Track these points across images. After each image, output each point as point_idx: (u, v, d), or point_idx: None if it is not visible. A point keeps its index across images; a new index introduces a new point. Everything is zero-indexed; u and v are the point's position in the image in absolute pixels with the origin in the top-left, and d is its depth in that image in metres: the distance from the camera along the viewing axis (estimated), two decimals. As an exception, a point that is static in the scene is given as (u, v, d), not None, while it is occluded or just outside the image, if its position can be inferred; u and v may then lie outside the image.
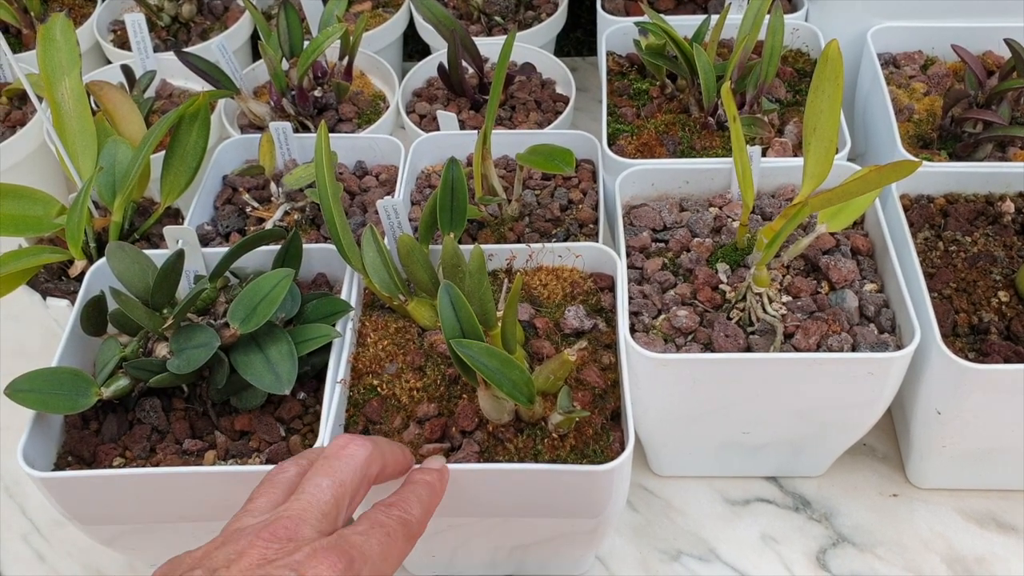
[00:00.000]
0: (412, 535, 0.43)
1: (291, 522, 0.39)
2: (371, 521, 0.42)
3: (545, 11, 1.04)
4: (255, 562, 0.37)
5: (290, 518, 0.40)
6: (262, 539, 0.38)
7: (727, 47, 0.86)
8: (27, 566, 0.70)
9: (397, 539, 0.42)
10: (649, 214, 0.68)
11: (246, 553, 0.38)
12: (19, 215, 0.69)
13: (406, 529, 0.43)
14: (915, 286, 0.60)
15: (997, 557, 0.65)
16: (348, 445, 0.44)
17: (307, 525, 0.40)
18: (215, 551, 0.38)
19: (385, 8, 1.09)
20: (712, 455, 0.68)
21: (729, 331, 0.59)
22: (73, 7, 1.08)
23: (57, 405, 0.56)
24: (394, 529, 0.42)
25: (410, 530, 0.43)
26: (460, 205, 0.63)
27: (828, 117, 0.54)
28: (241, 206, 0.77)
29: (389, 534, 0.41)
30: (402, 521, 0.43)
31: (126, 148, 0.73)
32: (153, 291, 0.59)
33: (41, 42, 0.72)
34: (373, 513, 0.43)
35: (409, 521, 0.43)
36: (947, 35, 0.83)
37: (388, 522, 0.42)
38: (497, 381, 0.49)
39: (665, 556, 0.67)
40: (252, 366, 0.57)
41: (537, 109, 0.90)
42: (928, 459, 0.66)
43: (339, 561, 0.37)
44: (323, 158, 0.60)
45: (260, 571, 0.36)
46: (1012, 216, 0.68)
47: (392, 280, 0.61)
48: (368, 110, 0.91)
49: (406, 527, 0.43)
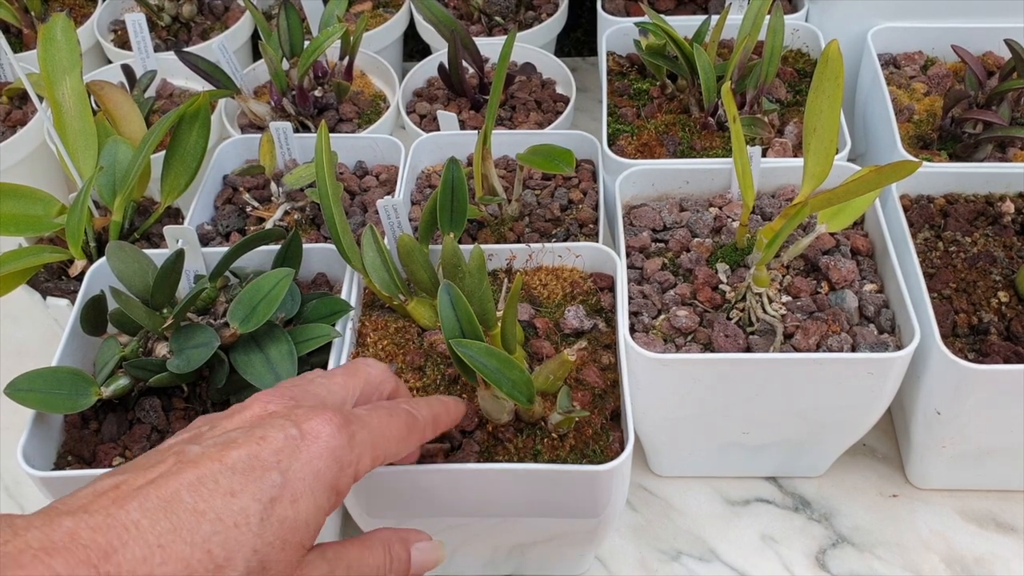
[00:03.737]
0: (415, 427, 0.45)
1: (299, 390, 0.42)
2: (374, 405, 0.44)
3: (545, 11, 1.04)
4: (256, 414, 0.40)
5: (298, 386, 0.43)
6: (267, 395, 0.41)
7: (727, 47, 0.86)
8: (27, 565, 0.70)
9: (399, 422, 0.43)
10: (649, 214, 0.69)
11: (249, 407, 0.41)
12: (19, 215, 0.69)
13: (410, 417, 0.44)
14: (915, 286, 0.60)
15: (997, 557, 0.65)
16: (368, 360, 0.48)
17: (314, 397, 0.42)
18: (218, 418, 0.41)
19: (385, 8, 1.09)
20: (712, 455, 0.68)
21: (729, 331, 0.59)
22: (74, 7, 1.09)
23: (57, 405, 0.56)
24: (398, 414, 0.44)
25: (413, 421, 0.45)
26: (460, 205, 0.63)
27: (828, 117, 0.54)
28: (241, 206, 0.77)
29: (391, 415, 0.43)
30: (407, 412, 0.45)
31: (126, 148, 0.73)
32: (153, 291, 0.59)
33: (42, 42, 0.72)
34: (378, 402, 0.45)
35: (413, 414, 0.45)
36: (947, 35, 0.83)
37: (392, 406, 0.44)
38: (497, 381, 0.49)
39: (665, 556, 0.67)
40: (252, 366, 0.57)
41: (537, 109, 0.90)
42: (928, 459, 0.66)
43: (334, 417, 0.39)
44: (323, 158, 0.60)
45: (259, 420, 0.39)
46: (1012, 216, 0.68)
47: (392, 280, 0.61)
48: (368, 110, 0.91)
49: (409, 416, 0.44)
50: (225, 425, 0.39)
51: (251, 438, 0.37)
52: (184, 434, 0.40)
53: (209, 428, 0.39)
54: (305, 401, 0.41)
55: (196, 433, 0.39)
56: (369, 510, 0.57)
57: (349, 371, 0.46)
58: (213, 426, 0.39)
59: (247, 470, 0.36)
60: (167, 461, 0.36)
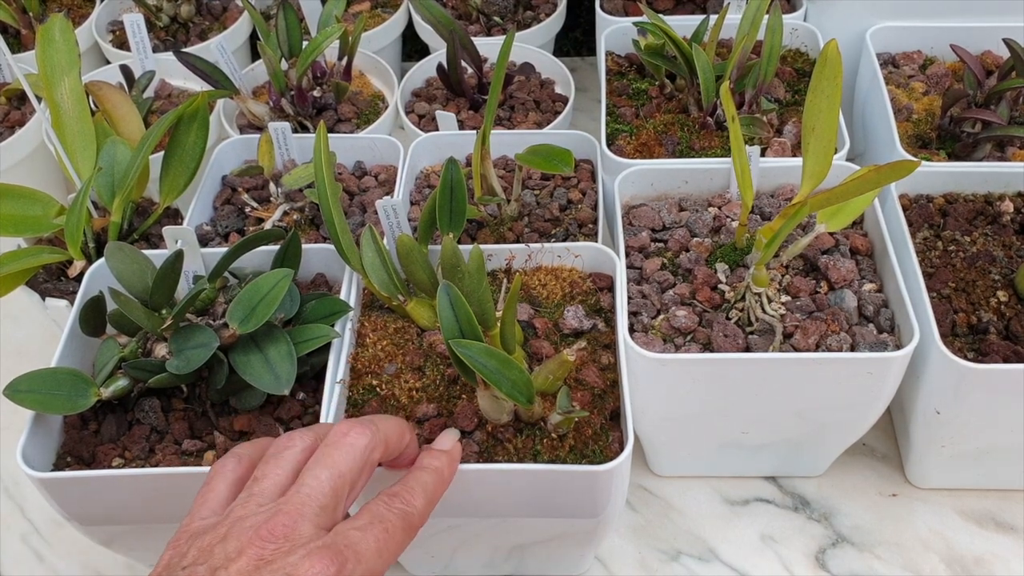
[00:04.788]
0: (412, 526, 0.44)
1: (288, 519, 0.40)
2: (371, 515, 0.43)
3: (544, 11, 1.04)
4: (252, 563, 0.38)
5: (287, 514, 0.41)
6: (260, 537, 0.39)
7: (726, 47, 0.86)
8: (27, 566, 0.70)
9: (396, 533, 0.43)
10: (648, 214, 0.68)
11: (244, 552, 0.39)
12: (18, 215, 0.69)
13: (406, 521, 0.44)
14: (914, 286, 0.60)
15: (996, 557, 0.65)
16: (349, 433, 0.45)
17: (305, 520, 0.41)
18: (217, 545, 0.40)
19: (384, 8, 1.09)
20: (711, 455, 0.68)
21: (728, 331, 0.59)
22: (72, 7, 1.08)
23: (56, 406, 0.56)
24: (393, 524, 0.43)
25: (410, 521, 0.44)
26: (459, 205, 0.63)
27: (827, 117, 0.54)
28: (240, 206, 0.77)
29: (387, 529, 0.42)
30: (402, 514, 0.44)
31: (125, 148, 0.72)
32: (152, 291, 0.59)
33: (40, 42, 0.72)
34: (374, 505, 0.44)
35: (410, 513, 0.44)
36: (946, 35, 0.83)
37: (388, 516, 0.43)
38: (496, 381, 0.49)
39: (664, 556, 0.67)
40: (251, 366, 0.57)
41: (536, 109, 0.90)
42: (927, 459, 0.66)
43: (332, 564, 0.38)
44: (322, 158, 0.60)
45: (256, 573, 0.38)
46: (1011, 216, 0.68)
47: (391, 280, 0.61)
48: (367, 110, 0.91)
49: (406, 519, 0.44)
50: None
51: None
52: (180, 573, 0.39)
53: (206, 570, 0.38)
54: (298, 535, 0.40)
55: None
56: (369, 510, 0.57)
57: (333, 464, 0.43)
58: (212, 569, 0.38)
59: None
60: None
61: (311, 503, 0.41)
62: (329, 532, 0.41)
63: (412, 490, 0.45)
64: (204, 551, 0.40)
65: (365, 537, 0.41)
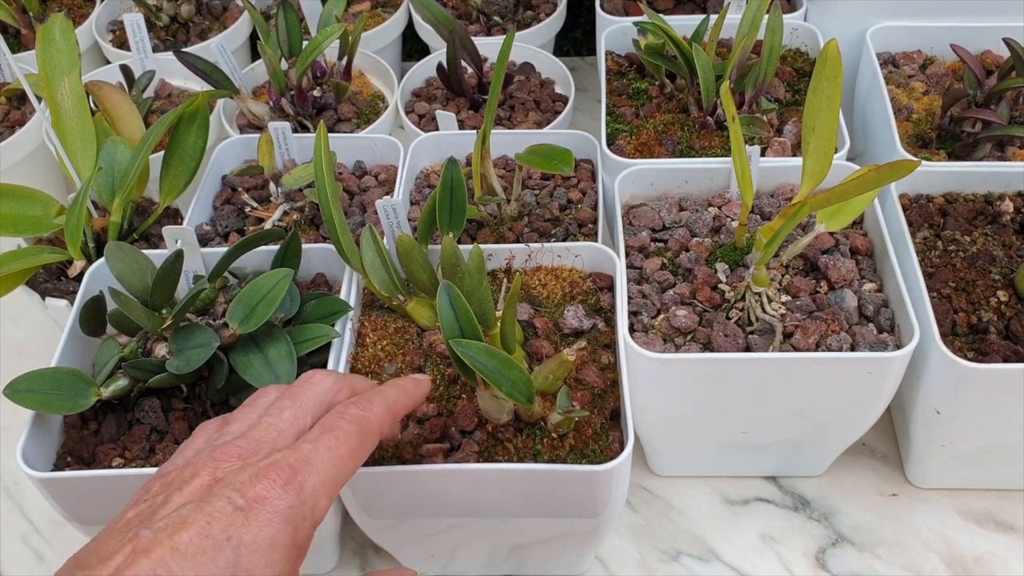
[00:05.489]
0: (369, 431, 0.44)
1: (246, 442, 0.41)
2: (321, 426, 0.43)
3: (544, 11, 1.04)
4: (205, 483, 0.39)
5: (246, 438, 0.42)
6: (214, 459, 0.40)
7: (726, 47, 0.86)
8: (27, 566, 0.70)
9: (348, 438, 0.43)
10: (648, 214, 0.69)
11: (199, 474, 0.40)
12: (18, 215, 0.69)
13: (360, 426, 0.44)
14: (914, 286, 0.60)
15: (996, 556, 0.65)
16: (314, 375, 0.47)
17: (263, 445, 0.41)
18: (178, 472, 0.41)
19: (384, 8, 1.09)
20: (711, 455, 0.68)
21: (728, 331, 0.59)
22: (72, 7, 1.08)
23: (56, 405, 0.56)
24: (345, 430, 0.43)
25: (365, 426, 0.44)
26: (459, 205, 0.63)
27: (827, 117, 0.54)
28: (240, 206, 0.77)
29: (338, 436, 0.42)
30: (355, 419, 0.44)
31: (125, 148, 0.73)
32: (152, 291, 0.59)
33: (40, 42, 0.72)
34: (327, 417, 0.44)
35: (365, 418, 0.44)
36: (946, 35, 0.83)
37: (339, 423, 0.43)
38: (496, 381, 0.49)
39: (664, 556, 0.67)
40: (251, 366, 0.57)
41: (536, 109, 0.90)
42: (927, 459, 0.66)
43: (279, 476, 0.39)
44: (322, 158, 0.60)
45: (207, 492, 0.38)
46: (1011, 215, 0.68)
47: (391, 280, 0.61)
48: (367, 110, 0.91)
49: (360, 423, 0.44)
50: (176, 499, 0.38)
51: (200, 515, 0.37)
52: (141, 505, 0.39)
53: (163, 499, 0.39)
54: (254, 456, 0.41)
55: (151, 506, 0.39)
56: (369, 511, 0.57)
57: (295, 397, 0.45)
58: (167, 497, 0.39)
59: (198, 552, 0.36)
60: (123, 550, 0.36)
61: (270, 429, 0.42)
62: None
63: (369, 398, 0.46)
64: (167, 484, 0.40)
65: (316, 448, 0.41)
